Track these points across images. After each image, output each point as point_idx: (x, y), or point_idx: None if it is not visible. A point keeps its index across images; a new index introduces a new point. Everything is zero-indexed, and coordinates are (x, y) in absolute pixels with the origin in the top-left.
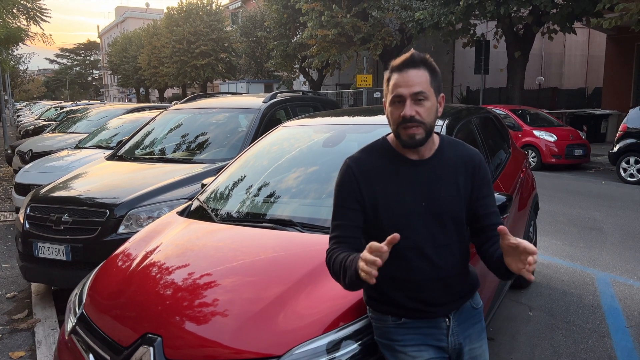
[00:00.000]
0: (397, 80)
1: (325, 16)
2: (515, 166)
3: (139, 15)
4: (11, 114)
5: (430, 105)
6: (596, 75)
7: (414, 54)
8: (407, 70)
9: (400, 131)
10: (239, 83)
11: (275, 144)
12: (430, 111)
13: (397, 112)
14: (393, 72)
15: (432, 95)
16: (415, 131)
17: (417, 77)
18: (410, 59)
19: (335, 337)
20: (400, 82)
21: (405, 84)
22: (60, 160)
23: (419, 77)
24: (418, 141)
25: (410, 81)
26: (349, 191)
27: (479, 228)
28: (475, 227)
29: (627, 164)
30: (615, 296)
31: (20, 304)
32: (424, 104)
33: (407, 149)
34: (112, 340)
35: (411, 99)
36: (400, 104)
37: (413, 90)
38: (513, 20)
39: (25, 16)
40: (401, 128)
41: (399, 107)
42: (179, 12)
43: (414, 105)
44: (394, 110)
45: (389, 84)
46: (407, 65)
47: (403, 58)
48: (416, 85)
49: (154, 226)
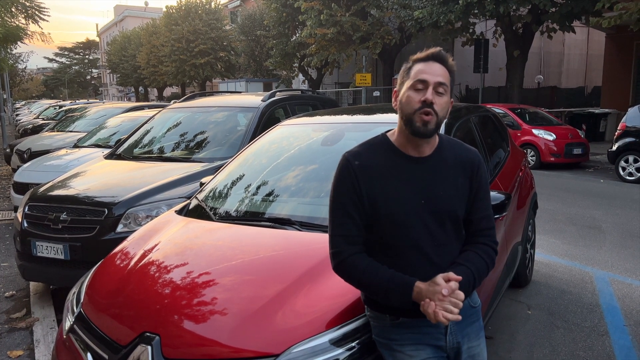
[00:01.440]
0: (422, 68)
1: (325, 15)
2: (514, 165)
3: (137, 14)
4: (10, 113)
5: (446, 101)
6: (595, 74)
7: (441, 50)
8: (433, 62)
9: (415, 117)
10: (238, 82)
11: (274, 142)
12: (445, 107)
13: (417, 96)
14: (416, 63)
15: (448, 93)
16: (430, 119)
17: (441, 70)
18: (437, 53)
19: (333, 335)
20: (426, 69)
21: (430, 72)
22: (58, 159)
23: (442, 71)
24: (429, 130)
25: (436, 71)
26: (349, 186)
27: (471, 231)
28: (467, 230)
29: (626, 163)
30: (613, 295)
31: (19, 303)
32: (443, 97)
33: (416, 137)
34: (110, 339)
35: (433, 87)
36: (422, 91)
37: (437, 80)
38: (512, 19)
39: (23, 15)
40: (418, 114)
41: (420, 92)
42: (178, 10)
43: (434, 94)
44: (414, 94)
45: (410, 72)
46: (433, 58)
47: (430, 51)
48: (440, 76)
49: (153, 225)
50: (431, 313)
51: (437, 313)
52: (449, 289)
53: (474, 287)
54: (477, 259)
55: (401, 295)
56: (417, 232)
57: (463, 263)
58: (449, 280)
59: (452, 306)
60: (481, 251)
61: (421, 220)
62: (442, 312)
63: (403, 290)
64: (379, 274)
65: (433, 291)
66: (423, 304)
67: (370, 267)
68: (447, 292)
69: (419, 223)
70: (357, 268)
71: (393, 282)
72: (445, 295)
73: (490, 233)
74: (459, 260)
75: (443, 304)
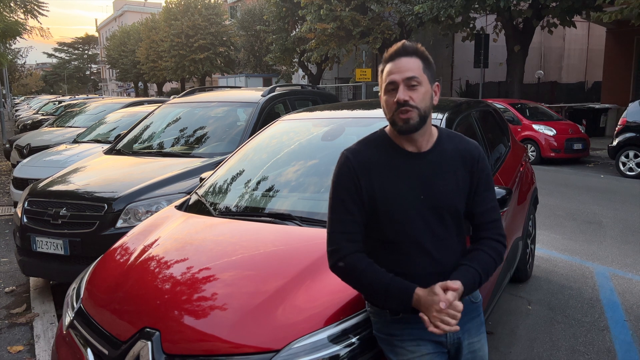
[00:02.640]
0: (390, 68)
1: (324, 10)
2: (515, 160)
3: (137, 9)
4: (9, 108)
5: (425, 91)
6: (596, 69)
7: (405, 43)
8: (399, 58)
9: (395, 118)
10: (238, 77)
11: (274, 137)
12: (425, 97)
13: (391, 99)
14: (386, 63)
15: (426, 82)
16: (410, 115)
17: (409, 64)
18: (401, 47)
19: (334, 331)
20: (393, 69)
21: (397, 70)
22: (58, 155)
23: (411, 64)
24: (412, 126)
25: (403, 67)
26: (348, 183)
27: (476, 224)
28: (472, 223)
29: (626, 158)
30: (614, 290)
31: (19, 298)
32: (418, 89)
33: (403, 135)
34: (110, 335)
35: (404, 84)
36: (394, 91)
37: (405, 75)
38: (513, 14)
39: (22, 10)
40: (397, 114)
41: (393, 94)
42: (177, 5)
43: (408, 90)
44: (389, 98)
45: (383, 75)
46: (398, 54)
47: (395, 48)
48: (408, 70)
49: (152, 220)
50: (427, 321)
51: (433, 324)
52: (446, 302)
53: (480, 285)
54: (483, 256)
55: (400, 301)
56: (416, 228)
57: (468, 264)
58: (447, 290)
59: (449, 318)
60: (487, 247)
61: (421, 216)
62: (439, 324)
63: (402, 296)
64: (378, 277)
65: (431, 301)
66: (421, 314)
67: (369, 269)
68: (444, 306)
69: (418, 218)
70: (356, 269)
71: (392, 287)
72: (443, 309)
73: (496, 225)
74: (465, 261)
75: (440, 316)
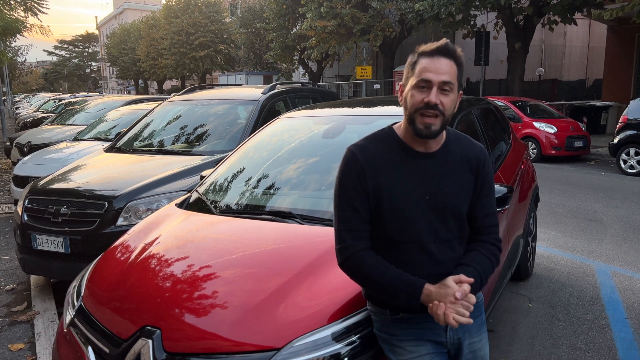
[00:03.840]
0: (427, 65)
1: (325, 7)
2: (516, 158)
3: (137, 7)
4: (10, 106)
5: (453, 98)
6: (596, 67)
7: (448, 43)
8: (439, 57)
9: (416, 117)
10: (238, 75)
11: (275, 135)
12: (452, 104)
13: (420, 96)
14: (421, 57)
15: (456, 89)
16: (433, 121)
17: (447, 66)
18: (444, 46)
19: (335, 329)
20: (430, 67)
21: (435, 70)
22: (58, 153)
23: (449, 67)
24: (433, 132)
25: (441, 69)
26: (354, 179)
27: (476, 228)
28: (471, 226)
29: (627, 156)
30: (615, 288)
31: (20, 296)
32: (449, 95)
33: (420, 138)
34: (111, 333)
35: (438, 87)
36: (425, 90)
37: (442, 79)
38: (513, 11)
39: (22, 7)
40: (419, 114)
41: (424, 92)
42: (177, 3)
43: (440, 94)
44: (417, 94)
45: (415, 68)
46: (439, 52)
47: (436, 44)
48: (446, 74)
49: (153, 218)
50: (441, 315)
51: (447, 315)
52: (462, 292)
53: (480, 287)
54: (482, 259)
55: (409, 296)
56: (420, 228)
57: (470, 264)
58: (461, 283)
59: (464, 309)
60: (486, 250)
61: (425, 216)
62: (453, 315)
63: (411, 291)
64: (387, 273)
65: (444, 294)
66: (432, 306)
67: (378, 265)
68: (460, 295)
69: (422, 219)
70: (365, 265)
71: (401, 282)
72: (458, 298)
73: (494, 230)
74: (466, 261)
75: (455, 307)
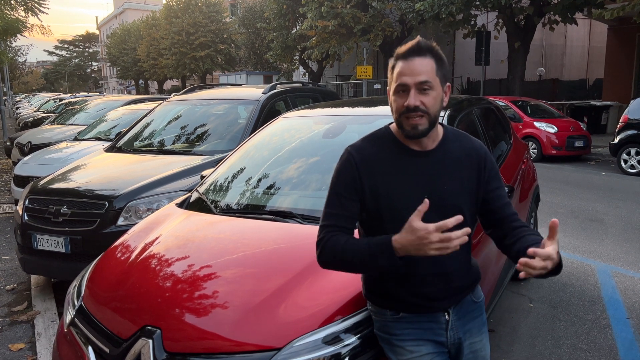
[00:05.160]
0: (402, 69)
1: (325, 7)
2: (517, 157)
3: (137, 7)
4: (10, 106)
5: (436, 95)
6: (597, 67)
7: (420, 41)
8: (413, 58)
9: (402, 120)
10: (239, 75)
11: (275, 135)
12: (436, 101)
13: (400, 101)
14: (398, 60)
15: (438, 84)
16: (419, 121)
17: (422, 66)
18: (416, 46)
19: (335, 329)
20: (405, 70)
21: (410, 73)
22: (59, 152)
23: (424, 66)
24: (421, 132)
25: (416, 70)
26: (348, 180)
27: (498, 220)
28: (493, 220)
29: (627, 156)
30: (616, 288)
31: (20, 296)
32: (429, 94)
33: (409, 139)
34: (111, 333)
35: (416, 88)
36: (404, 93)
37: (418, 80)
38: (514, 11)
39: (23, 7)
40: (404, 117)
41: (403, 96)
42: (177, 3)
43: (419, 94)
44: (398, 99)
45: (394, 72)
46: (412, 53)
47: (408, 45)
48: (421, 74)
49: (153, 218)
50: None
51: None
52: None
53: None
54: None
55: (384, 255)
56: None
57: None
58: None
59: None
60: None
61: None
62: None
63: (384, 249)
64: (358, 244)
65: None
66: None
67: (348, 243)
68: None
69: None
70: (337, 245)
71: (373, 247)
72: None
73: (518, 218)
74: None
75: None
